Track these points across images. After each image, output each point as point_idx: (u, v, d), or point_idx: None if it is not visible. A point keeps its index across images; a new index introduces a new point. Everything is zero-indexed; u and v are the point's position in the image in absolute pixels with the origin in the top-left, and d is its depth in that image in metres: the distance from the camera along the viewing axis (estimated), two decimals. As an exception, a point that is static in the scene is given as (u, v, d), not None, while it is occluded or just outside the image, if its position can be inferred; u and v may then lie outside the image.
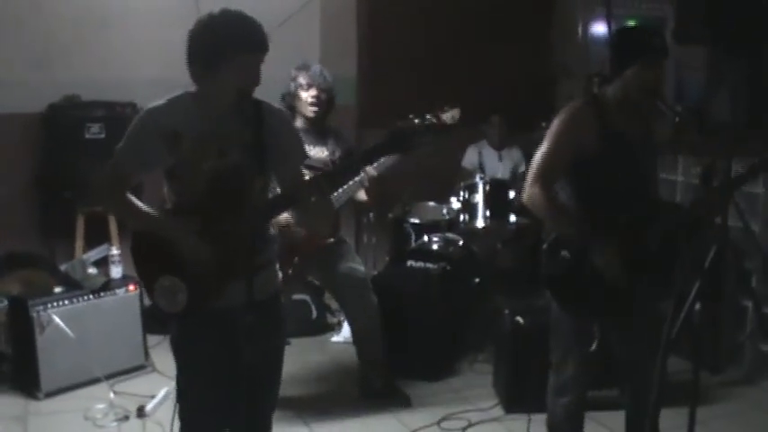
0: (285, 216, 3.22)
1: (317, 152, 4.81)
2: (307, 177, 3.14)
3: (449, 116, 4.40)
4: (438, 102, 3.13)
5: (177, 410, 3.16)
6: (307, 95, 4.83)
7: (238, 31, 2.86)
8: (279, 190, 3.23)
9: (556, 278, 3.66)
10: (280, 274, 3.30)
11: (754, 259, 5.29)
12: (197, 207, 2.96)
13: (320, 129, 4.92)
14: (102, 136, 5.83)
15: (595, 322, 3.87)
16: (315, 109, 4.85)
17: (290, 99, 4.86)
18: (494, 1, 7.58)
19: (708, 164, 3.35)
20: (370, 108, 7.22)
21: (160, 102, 2.99)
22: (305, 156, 3.23)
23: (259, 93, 3.00)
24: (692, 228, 3.41)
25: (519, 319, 4.86)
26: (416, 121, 2.95)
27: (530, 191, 3.58)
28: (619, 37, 3.76)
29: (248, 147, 2.94)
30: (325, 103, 4.89)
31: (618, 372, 4.04)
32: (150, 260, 3.04)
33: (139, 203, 3.05)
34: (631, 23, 3.77)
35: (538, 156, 3.61)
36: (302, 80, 4.83)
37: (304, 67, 4.88)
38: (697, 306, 3.42)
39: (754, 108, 5.63)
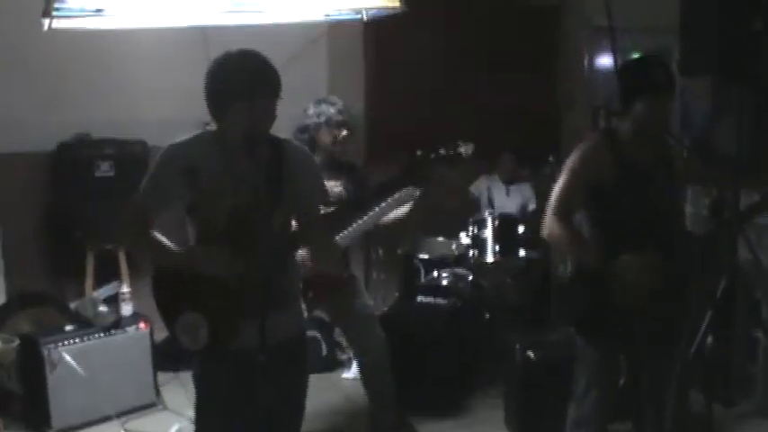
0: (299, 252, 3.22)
1: (331, 186, 4.76)
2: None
3: (463, 150, 4.38)
4: (447, 134, 3.13)
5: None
6: (329, 131, 4.81)
7: (245, 77, 2.88)
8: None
9: (579, 313, 3.65)
10: (305, 314, 3.30)
11: (763, 290, 5.28)
12: (216, 244, 2.98)
13: (336, 162, 4.88)
14: (112, 174, 5.86)
15: (622, 354, 3.86)
16: (338, 146, 4.84)
17: (312, 132, 4.80)
18: (499, 35, 7.62)
19: (717, 195, 3.36)
20: (378, 141, 7.24)
21: (182, 138, 3.03)
22: (326, 197, 3.23)
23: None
24: (704, 260, 3.41)
25: (530, 353, 4.84)
26: (430, 154, 2.95)
27: (548, 224, 3.62)
28: (623, 71, 3.76)
29: (265, 185, 2.95)
30: (347, 138, 4.89)
31: (633, 404, 4.02)
32: (172, 296, 3.06)
33: (164, 239, 3.07)
34: (636, 56, 3.79)
35: (555, 189, 3.65)
36: (326, 115, 4.79)
37: (327, 102, 4.85)
38: (709, 339, 3.41)
39: (762, 138, 5.63)
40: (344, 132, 4.81)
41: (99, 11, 4.18)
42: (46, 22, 4.18)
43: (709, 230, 3.47)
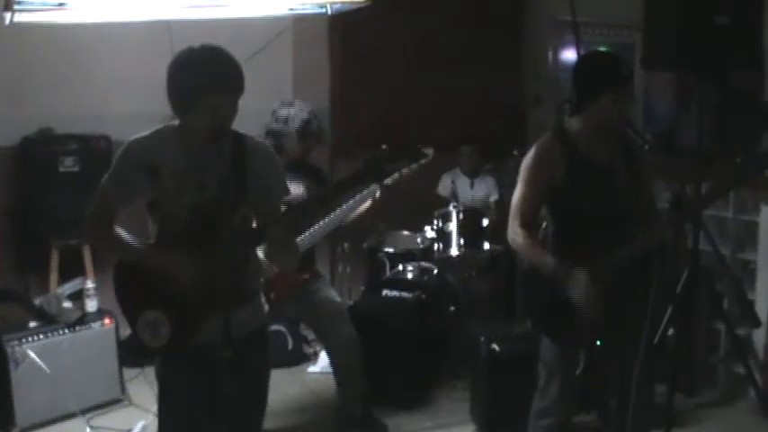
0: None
1: (293, 188, 4.75)
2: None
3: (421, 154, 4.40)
4: (411, 132, 3.15)
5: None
6: (302, 141, 4.80)
7: (208, 73, 2.86)
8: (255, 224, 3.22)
9: (536, 307, 3.68)
10: (266, 307, 3.30)
11: (724, 282, 5.34)
12: (178, 240, 2.97)
13: (299, 164, 4.86)
14: (77, 169, 5.82)
15: (580, 346, 3.90)
16: (306, 154, 4.84)
17: (281, 140, 4.78)
18: (464, 30, 7.64)
19: (677, 189, 3.40)
20: (343, 138, 7.24)
21: (144, 133, 3.01)
22: (287, 192, 3.24)
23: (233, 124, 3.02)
24: (662, 254, 3.44)
25: (494, 346, 4.87)
26: (389, 151, 2.95)
27: (510, 231, 3.65)
28: (585, 66, 3.78)
29: (228, 181, 2.95)
30: (314, 143, 4.89)
31: (597, 395, 4.06)
32: (134, 294, 3.05)
33: (126, 236, 3.06)
34: (596, 49, 3.82)
35: (514, 195, 3.67)
36: (297, 124, 4.78)
37: (297, 107, 4.83)
38: (670, 331, 3.45)
39: (723, 132, 5.70)
40: (317, 144, 4.80)
41: (61, 5, 4.15)
42: (7, 15, 4.15)
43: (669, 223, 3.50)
